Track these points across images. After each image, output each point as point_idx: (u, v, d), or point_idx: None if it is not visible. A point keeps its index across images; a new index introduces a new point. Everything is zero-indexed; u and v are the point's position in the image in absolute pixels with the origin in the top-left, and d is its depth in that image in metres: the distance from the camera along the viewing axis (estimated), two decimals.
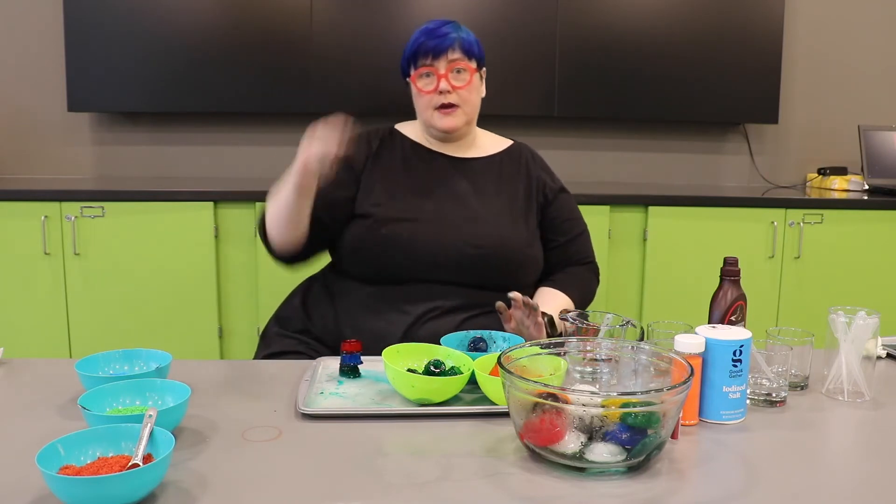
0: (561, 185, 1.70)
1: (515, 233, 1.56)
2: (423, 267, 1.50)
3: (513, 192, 1.61)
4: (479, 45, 1.59)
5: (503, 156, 1.67)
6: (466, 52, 1.54)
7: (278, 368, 1.31)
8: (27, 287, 2.62)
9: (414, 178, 1.58)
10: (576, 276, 1.65)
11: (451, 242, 1.50)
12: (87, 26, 2.92)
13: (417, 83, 1.55)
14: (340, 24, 3.00)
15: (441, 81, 1.52)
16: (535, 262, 1.60)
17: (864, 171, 3.11)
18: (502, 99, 3.11)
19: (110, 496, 0.79)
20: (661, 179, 3.36)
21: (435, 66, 1.53)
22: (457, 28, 1.56)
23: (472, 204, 1.57)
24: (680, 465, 0.95)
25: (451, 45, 1.52)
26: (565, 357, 1.10)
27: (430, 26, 1.55)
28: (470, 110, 1.58)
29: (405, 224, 1.51)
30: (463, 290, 1.51)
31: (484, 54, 1.61)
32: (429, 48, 1.52)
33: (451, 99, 1.54)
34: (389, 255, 1.50)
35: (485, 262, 1.51)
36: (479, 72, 1.60)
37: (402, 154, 1.62)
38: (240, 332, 2.73)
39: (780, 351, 1.16)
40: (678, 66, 3.13)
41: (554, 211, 1.65)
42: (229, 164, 3.21)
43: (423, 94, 1.55)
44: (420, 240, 1.50)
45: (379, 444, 0.99)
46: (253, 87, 3.01)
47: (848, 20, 3.33)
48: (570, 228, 1.67)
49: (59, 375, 1.23)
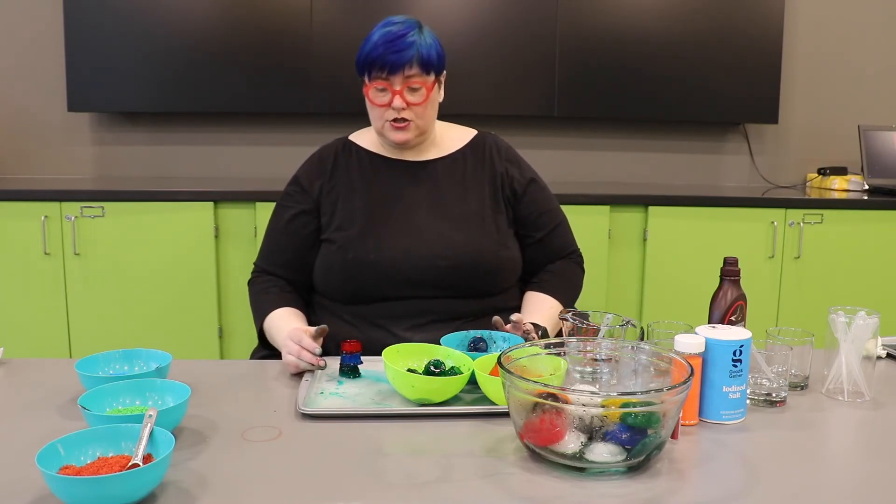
0: (531, 175, 1.62)
1: (486, 237, 1.52)
2: (396, 285, 1.47)
3: (479, 191, 1.56)
4: (440, 51, 1.50)
5: (466, 151, 1.60)
6: (424, 67, 1.46)
7: (278, 368, 1.31)
8: (27, 287, 2.62)
9: (374, 193, 1.54)
10: (560, 274, 1.61)
11: (421, 258, 1.47)
12: (87, 26, 2.92)
13: (370, 95, 1.48)
14: (340, 24, 3.00)
15: (395, 98, 1.45)
16: (512, 262, 1.56)
17: (864, 171, 3.10)
18: (502, 99, 3.11)
19: (110, 496, 0.79)
20: (661, 179, 3.36)
21: (390, 82, 1.45)
22: (418, 35, 1.46)
23: (438, 213, 1.52)
24: (680, 465, 0.95)
25: (408, 61, 1.44)
26: (565, 357, 1.10)
27: (390, 33, 1.44)
28: (424, 124, 1.51)
29: (370, 244, 1.48)
30: (442, 302, 1.48)
31: (444, 59, 1.51)
32: (385, 63, 1.44)
33: (405, 115, 1.47)
34: (360, 278, 1.47)
35: (459, 273, 1.48)
36: (438, 79, 1.51)
37: (360, 168, 1.56)
38: (240, 332, 2.72)
39: (780, 351, 1.15)
40: (678, 66, 3.13)
41: (526, 206, 1.58)
42: (229, 164, 3.21)
43: (375, 106, 1.49)
44: (388, 259, 1.47)
45: (379, 444, 0.99)
46: (253, 87, 3.01)
47: (848, 20, 3.33)
48: (546, 222, 1.60)
49: (59, 375, 1.23)
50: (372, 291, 1.48)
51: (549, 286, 1.58)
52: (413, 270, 1.47)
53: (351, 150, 1.59)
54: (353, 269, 1.47)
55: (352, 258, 1.47)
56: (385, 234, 1.49)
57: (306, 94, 3.01)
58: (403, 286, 1.47)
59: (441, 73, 1.52)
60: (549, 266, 1.62)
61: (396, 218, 1.51)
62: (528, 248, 1.60)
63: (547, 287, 1.58)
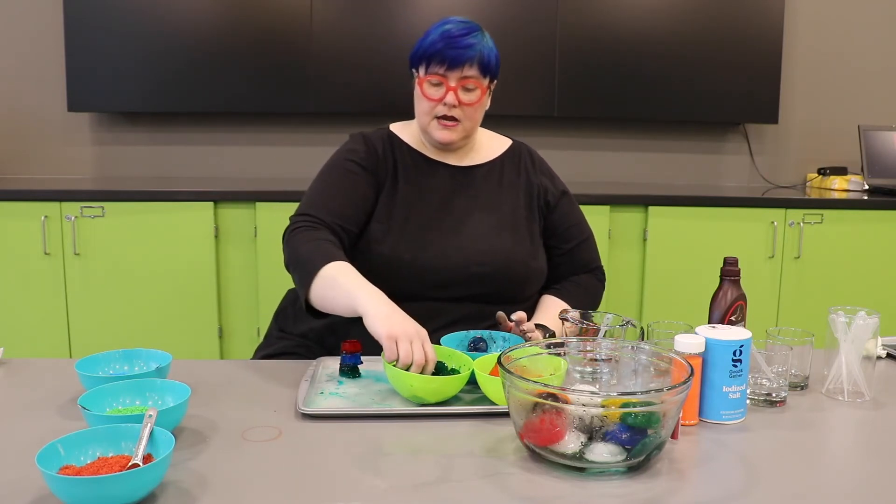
0: (563, 187, 1.64)
1: (519, 246, 1.52)
2: (426, 287, 1.45)
3: (514, 200, 1.56)
4: (498, 57, 1.49)
5: (504, 159, 1.62)
6: (483, 69, 1.45)
7: (278, 368, 1.31)
8: (27, 287, 2.62)
9: (415, 193, 1.51)
10: (581, 285, 1.61)
11: (456, 263, 1.46)
12: (87, 26, 2.92)
13: (424, 88, 1.46)
14: (340, 24, 3.00)
15: (449, 94, 1.44)
16: (539, 273, 1.56)
17: (864, 171, 3.11)
18: (502, 99, 3.07)
19: (110, 496, 0.79)
20: (661, 179, 3.36)
21: (446, 78, 1.43)
22: (481, 37, 1.45)
23: (475, 219, 1.51)
24: (680, 465, 0.95)
25: (469, 60, 1.42)
26: (565, 357, 1.10)
27: (452, 31, 1.43)
28: (471, 126, 1.51)
29: (408, 245, 1.45)
30: (466, 306, 1.47)
31: (499, 67, 1.50)
32: (445, 58, 1.42)
33: (455, 113, 1.46)
34: (392, 276, 1.44)
35: (490, 279, 1.47)
36: (490, 86, 1.51)
37: (403, 165, 1.53)
38: (240, 332, 2.73)
39: (780, 351, 1.16)
40: (678, 66, 3.13)
41: (557, 217, 1.60)
42: (229, 164, 3.21)
43: (427, 99, 1.47)
44: (424, 262, 1.45)
45: (379, 444, 0.99)
46: (253, 87, 3.01)
47: (848, 20, 3.33)
48: (574, 235, 1.62)
49: (59, 375, 1.23)
50: (401, 290, 1.43)
51: (566, 293, 1.58)
52: (447, 273, 1.45)
53: (394, 143, 1.56)
54: (388, 266, 1.44)
55: (388, 255, 1.45)
56: (422, 236, 1.47)
57: (306, 94, 3.01)
58: (434, 288, 1.45)
59: (494, 80, 1.51)
60: (572, 277, 1.62)
61: (435, 220, 1.49)
62: (555, 260, 1.60)
63: (564, 294, 1.58)
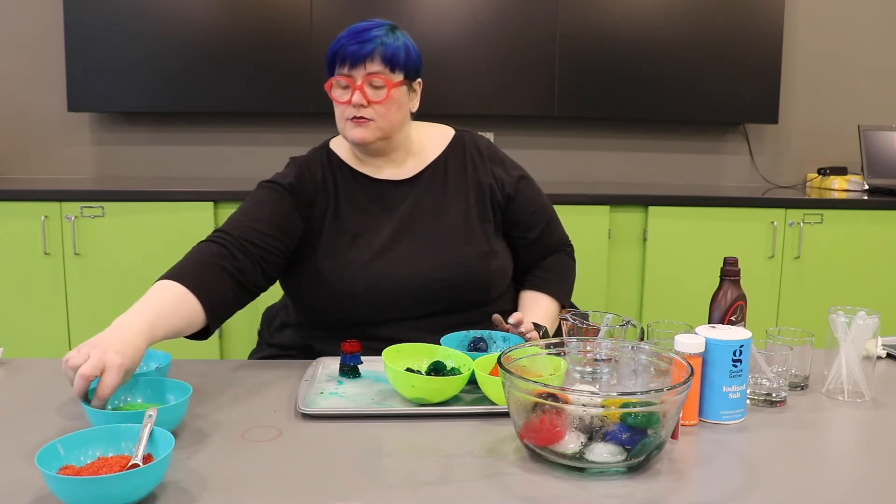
0: (519, 171, 1.56)
1: (475, 249, 1.45)
2: (387, 311, 1.42)
3: (463, 200, 1.48)
4: (412, 54, 1.42)
5: (447, 155, 1.52)
6: (389, 63, 1.38)
7: (278, 368, 1.31)
8: (27, 287, 2.62)
9: (359, 219, 1.45)
10: (552, 269, 1.57)
11: (413, 282, 1.41)
12: (87, 26, 2.92)
13: (332, 92, 1.41)
14: (340, 24, 2.96)
15: (355, 94, 1.37)
16: (502, 272, 1.50)
17: (864, 171, 3.11)
18: (502, 99, 3.11)
19: (110, 496, 0.79)
20: (661, 179, 3.36)
21: (352, 77, 1.38)
22: (388, 32, 1.40)
23: (425, 232, 1.45)
24: (680, 465, 0.95)
25: (369, 54, 1.37)
26: (565, 357, 1.10)
27: (357, 27, 1.41)
28: (386, 125, 1.41)
29: (358, 273, 1.40)
30: (435, 319, 1.43)
31: (417, 64, 1.44)
32: (346, 55, 1.37)
33: (365, 113, 1.38)
34: (352, 309, 1.41)
35: (451, 290, 1.43)
36: (409, 83, 1.43)
37: (344, 188, 1.47)
38: (240, 332, 2.73)
39: (780, 351, 1.15)
40: (678, 66, 3.13)
41: (518, 206, 1.52)
42: (229, 164, 3.21)
43: (337, 103, 1.41)
44: (380, 288, 1.40)
45: (379, 444, 0.99)
46: (253, 88, 3.01)
47: (848, 20, 3.33)
48: (537, 220, 1.55)
49: (59, 375, 1.22)
50: (362, 318, 1.42)
51: (543, 283, 1.55)
52: (405, 295, 1.41)
53: (334, 163, 1.49)
54: (343, 300, 1.40)
55: (340, 289, 1.40)
56: (372, 266, 1.41)
57: (306, 94, 3.01)
58: (396, 310, 1.42)
59: (413, 78, 1.44)
60: (542, 263, 1.58)
61: (386, 243, 1.44)
62: (523, 250, 1.55)
63: (541, 285, 1.55)
